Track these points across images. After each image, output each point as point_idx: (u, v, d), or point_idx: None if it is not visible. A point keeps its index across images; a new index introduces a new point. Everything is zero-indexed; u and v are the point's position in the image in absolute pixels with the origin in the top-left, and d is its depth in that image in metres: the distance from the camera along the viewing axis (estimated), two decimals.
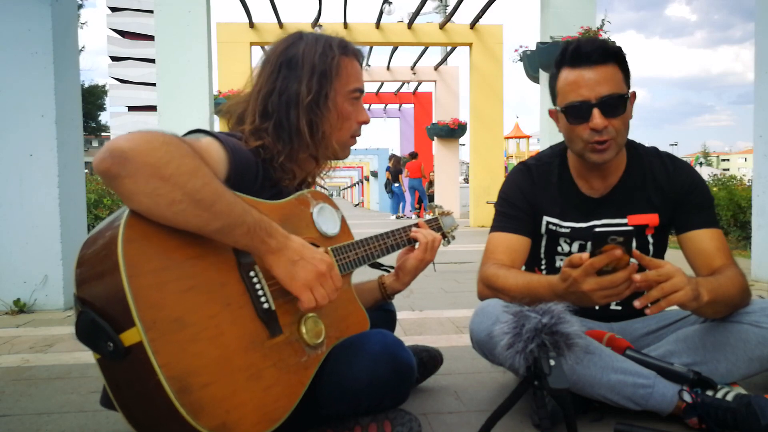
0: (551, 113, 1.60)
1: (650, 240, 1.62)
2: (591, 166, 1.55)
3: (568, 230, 1.62)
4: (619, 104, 1.46)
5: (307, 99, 1.29)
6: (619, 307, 1.64)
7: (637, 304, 1.24)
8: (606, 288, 1.22)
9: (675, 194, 1.58)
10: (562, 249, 1.65)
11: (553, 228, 1.64)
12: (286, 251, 1.10)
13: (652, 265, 1.27)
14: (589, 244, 1.20)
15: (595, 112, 1.44)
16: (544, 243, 1.67)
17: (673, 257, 1.57)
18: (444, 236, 1.69)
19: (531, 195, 1.64)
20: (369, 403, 1.27)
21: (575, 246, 1.63)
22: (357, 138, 1.43)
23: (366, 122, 1.42)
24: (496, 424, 1.18)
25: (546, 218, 1.64)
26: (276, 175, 1.29)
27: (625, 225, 1.57)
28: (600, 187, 1.60)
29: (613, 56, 1.46)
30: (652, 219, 1.59)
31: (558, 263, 1.67)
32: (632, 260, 1.22)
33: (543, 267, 1.70)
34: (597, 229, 1.18)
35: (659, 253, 1.65)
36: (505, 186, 1.70)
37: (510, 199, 1.66)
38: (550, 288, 1.35)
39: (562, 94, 1.50)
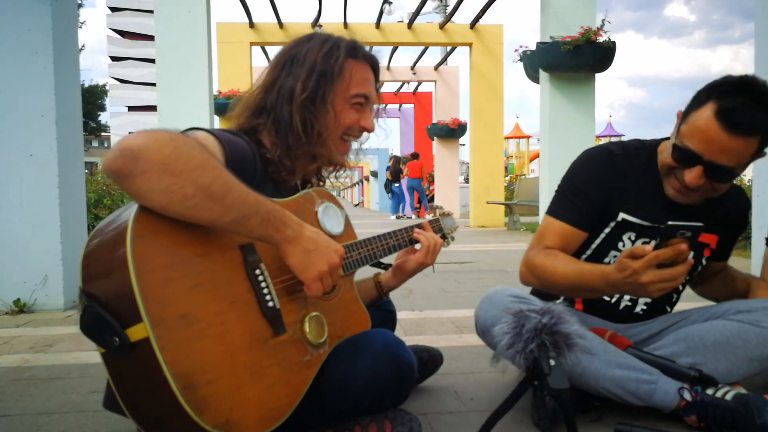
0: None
1: (703, 262, 1.61)
2: None
3: (641, 228, 1.53)
4: (725, 174, 1.36)
5: (301, 96, 1.28)
6: (645, 307, 1.61)
7: None
8: (665, 281, 1.20)
9: (732, 221, 1.61)
10: (624, 245, 1.54)
11: (627, 223, 1.54)
12: (302, 240, 1.11)
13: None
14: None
15: (697, 170, 1.35)
16: (603, 237, 1.55)
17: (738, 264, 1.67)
18: (444, 237, 1.70)
19: (608, 187, 1.50)
20: (369, 401, 1.27)
21: (639, 244, 1.53)
22: (351, 144, 1.39)
23: (368, 129, 1.39)
24: (496, 424, 1.19)
25: (622, 215, 1.52)
26: (271, 168, 1.29)
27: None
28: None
29: (760, 132, 1.30)
30: (713, 240, 1.59)
31: (607, 260, 1.57)
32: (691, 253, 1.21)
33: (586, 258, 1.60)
34: (670, 222, 1.16)
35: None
36: (580, 170, 1.54)
37: (583, 188, 1.51)
38: (604, 277, 1.32)
39: (688, 133, 1.36)
